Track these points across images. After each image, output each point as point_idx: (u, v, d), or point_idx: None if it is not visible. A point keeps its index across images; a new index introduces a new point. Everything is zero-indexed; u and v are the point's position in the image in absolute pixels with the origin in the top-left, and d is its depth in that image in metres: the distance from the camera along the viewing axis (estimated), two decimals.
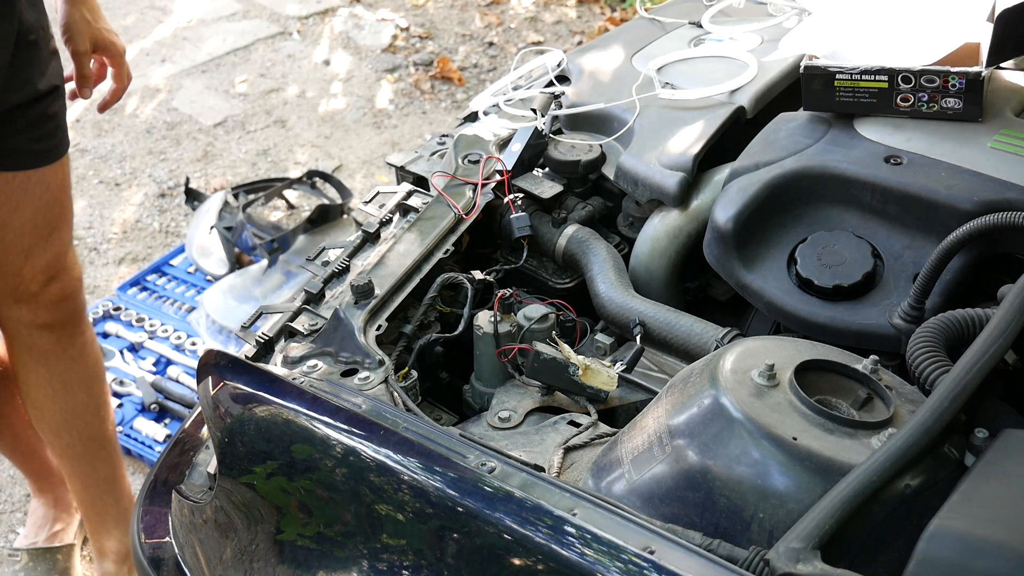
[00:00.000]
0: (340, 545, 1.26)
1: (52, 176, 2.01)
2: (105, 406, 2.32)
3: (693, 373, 1.30)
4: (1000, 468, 1.12)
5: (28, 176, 1.96)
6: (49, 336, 2.15)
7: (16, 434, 2.44)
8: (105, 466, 2.35)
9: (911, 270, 1.53)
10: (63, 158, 2.02)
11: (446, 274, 1.63)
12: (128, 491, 2.43)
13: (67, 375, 2.21)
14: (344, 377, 1.43)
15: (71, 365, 2.21)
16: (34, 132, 1.94)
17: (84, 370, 2.24)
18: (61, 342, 2.17)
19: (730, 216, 1.60)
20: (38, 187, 1.98)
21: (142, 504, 1.55)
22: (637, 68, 2.01)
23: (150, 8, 5.27)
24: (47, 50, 1.93)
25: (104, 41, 2.07)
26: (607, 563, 1.09)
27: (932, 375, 1.25)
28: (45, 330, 2.14)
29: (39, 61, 1.91)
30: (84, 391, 2.25)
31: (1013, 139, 1.58)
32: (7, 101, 1.86)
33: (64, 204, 2.07)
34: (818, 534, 1.06)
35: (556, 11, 5.13)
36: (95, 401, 2.29)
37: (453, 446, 1.24)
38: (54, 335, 2.15)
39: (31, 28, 1.87)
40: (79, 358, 2.22)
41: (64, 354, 2.18)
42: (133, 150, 4.23)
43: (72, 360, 2.20)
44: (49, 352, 2.16)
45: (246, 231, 3.40)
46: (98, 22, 2.05)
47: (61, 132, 2.00)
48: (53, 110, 1.96)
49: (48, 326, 2.13)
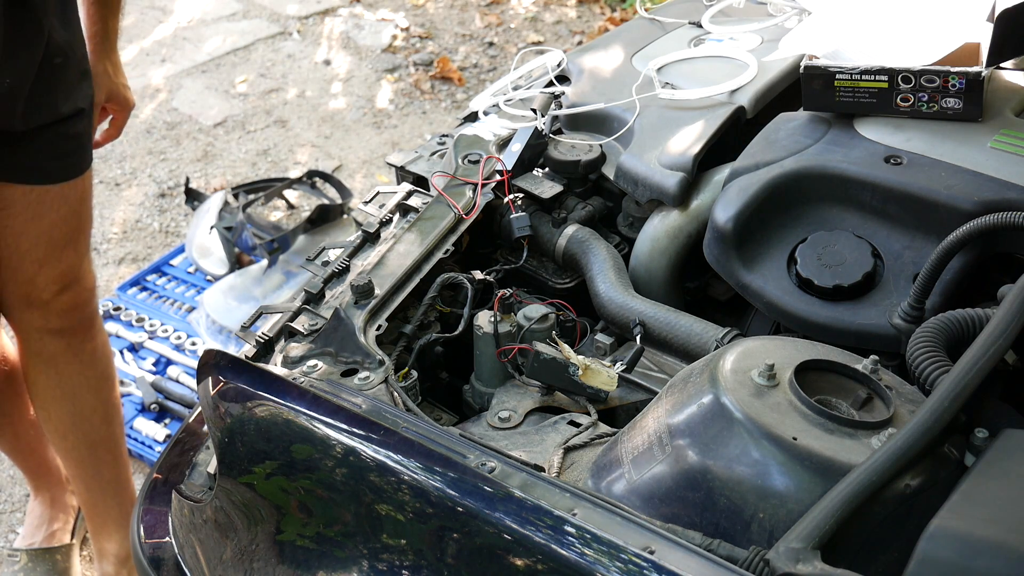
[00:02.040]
0: (340, 545, 1.26)
1: (71, 190, 2.01)
2: (113, 410, 2.32)
3: (693, 373, 1.30)
4: (1000, 468, 1.12)
5: (47, 189, 1.97)
6: (59, 341, 2.15)
7: (17, 433, 2.44)
8: (110, 469, 2.35)
9: (911, 270, 1.53)
10: (85, 173, 2.03)
11: (446, 274, 1.63)
12: (132, 494, 2.43)
13: (76, 379, 2.21)
14: (344, 377, 1.43)
15: (80, 370, 2.21)
16: (55, 151, 1.95)
17: (93, 375, 2.24)
18: (71, 347, 2.17)
19: (730, 216, 1.60)
20: (57, 200, 1.99)
21: (142, 504, 1.55)
22: (637, 68, 2.01)
23: (150, 8, 5.27)
24: (75, 72, 1.93)
25: (119, 96, 2.15)
26: (607, 563, 1.09)
27: (932, 375, 1.25)
28: (56, 335, 2.14)
29: (65, 84, 1.91)
30: (92, 395, 2.25)
31: (1013, 139, 1.58)
32: (29, 122, 1.88)
33: (82, 216, 2.08)
34: (818, 534, 1.06)
35: (556, 11, 5.13)
36: (103, 405, 2.29)
37: (453, 446, 1.24)
38: (64, 340, 2.16)
39: (58, 50, 1.87)
40: (89, 363, 2.22)
41: (74, 359, 2.19)
42: (133, 150, 4.23)
43: (82, 365, 2.21)
44: (59, 357, 2.17)
45: (246, 231, 3.40)
46: (118, 76, 2.14)
47: (83, 151, 2.01)
48: (76, 131, 1.97)
49: (59, 332, 2.14)
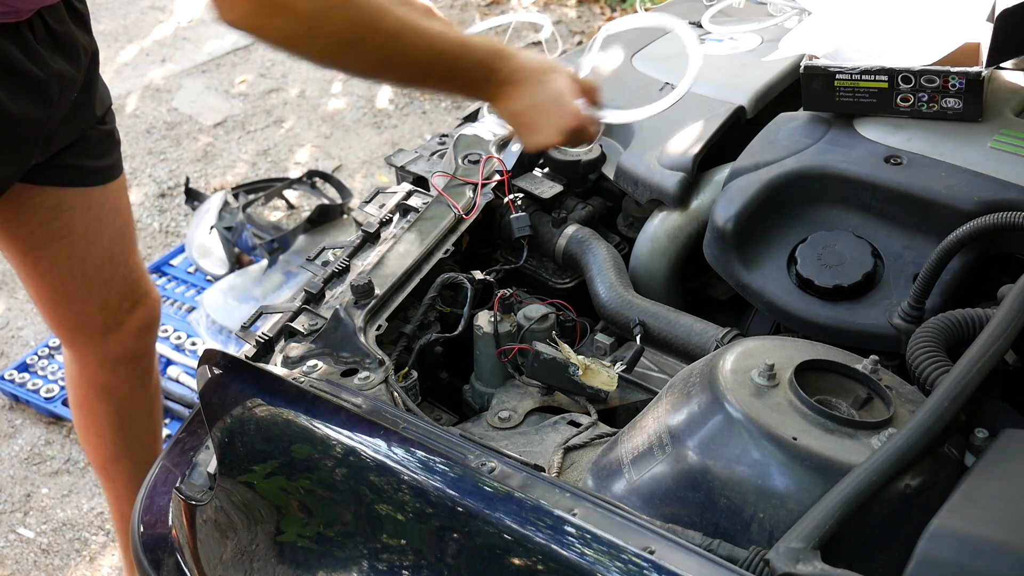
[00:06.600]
0: (340, 545, 1.26)
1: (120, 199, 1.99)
2: (160, 424, 2.30)
3: (693, 373, 1.30)
4: (1000, 468, 1.12)
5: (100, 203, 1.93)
6: (126, 369, 2.11)
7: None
8: None
9: (911, 270, 1.53)
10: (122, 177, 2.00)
11: (446, 274, 1.63)
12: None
13: (135, 404, 2.18)
14: (344, 377, 1.42)
15: (141, 395, 2.18)
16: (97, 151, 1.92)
17: (147, 396, 2.21)
18: (136, 374, 2.14)
19: (730, 216, 1.60)
20: (111, 214, 1.96)
21: (142, 504, 1.55)
22: (637, 68, 2.01)
23: (150, 8, 5.27)
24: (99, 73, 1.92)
25: None
26: (607, 563, 1.09)
27: (932, 375, 1.25)
28: (126, 363, 2.10)
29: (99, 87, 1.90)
30: (147, 416, 2.22)
31: (1013, 139, 1.58)
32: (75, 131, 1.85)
33: (132, 224, 2.05)
34: (818, 534, 1.06)
35: (556, 11, 5.13)
36: (154, 424, 2.26)
37: (453, 446, 1.24)
38: (130, 367, 2.12)
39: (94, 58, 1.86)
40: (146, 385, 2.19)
41: (138, 385, 2.16)
42: (133, 150, 4.23)
43: (143, 390, 2.18)
44: (123, 387, 2.13)
45: (246, 231, 3.40)
46: None
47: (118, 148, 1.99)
48: (110, 128, 1.95)
49: (132, 358, 2.10)
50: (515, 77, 1.50)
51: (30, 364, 3.14)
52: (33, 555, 2.69)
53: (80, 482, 2.85)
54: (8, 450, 2.95)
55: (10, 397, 3.08)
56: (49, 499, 2.82)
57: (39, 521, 2.77)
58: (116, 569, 2.63)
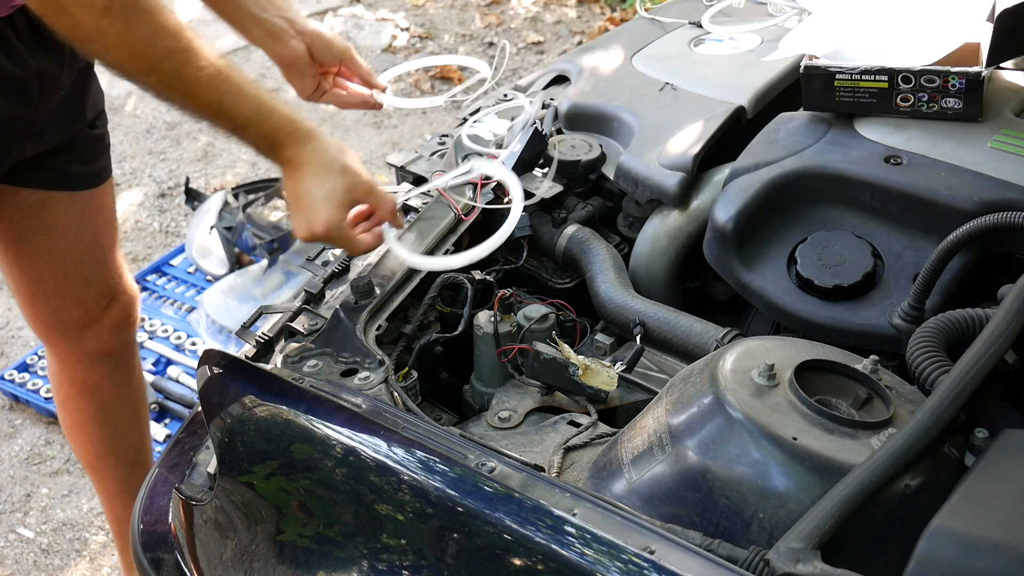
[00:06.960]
0: (340, 545, 1.26)
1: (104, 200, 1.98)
2: (147, 422, 2.30)
3: (693, 373, 1.30)
4: (1000, 468, 1.12)
5: (84, 202, 1.93)
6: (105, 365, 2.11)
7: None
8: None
9: (911, 270, 1.53)
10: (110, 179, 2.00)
11: (446, 274, 1.63)
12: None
13: (118, 400, 2.18)
14: (344, 377, 1.43)
15: (123, 390, 2.18)
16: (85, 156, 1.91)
17: (131, 392, 2.21)
18: (117, 370, 2.14)
19: (730, 216, 1.60)
20: (94, 213, 1.96)
21: (142, 504, 1.55)
22: (637, 68, 2.01)
23: None
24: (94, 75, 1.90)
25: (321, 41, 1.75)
26: (607, 563, 1.09)
27: (932, 375, 1.25)
28: (104, 359, 2.10)
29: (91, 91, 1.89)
30: (132, 412, 2.23)
31: (1013, 139, 1.58)
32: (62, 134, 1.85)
33: (114, 224, 2.05)
34: (818, 534, 1.06)
35: (556, 11, 5.13)
36: (140, 420, 2.26)
37: (453, 446, 1.24)
38: (110, 363, 2.12)
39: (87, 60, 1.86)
40: (128, 381, 2.19)
41: (119, 380, 2.16)
42: (133, 150, 4.23)
43: (124, 385, 2.18)
44: (104, 382, 2.14)
45: (246, 231, 3.40)
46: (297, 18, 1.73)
47: (108, 153, 1.98)
48: (99, 133, 1.94)
49: (108, 354, 2.10)
50: (300, 160, 1.46)
51: (30, 364, 3.14)
52: (33, 555, 2.69)
53: (80, 482, 2.85)
54: (8, 450, 2.95)
55: (10, 397, 3.08)
56: (49, 499, 2.82)
57: (39, 521, 2.77)
58: (116, 569, 2.63)
